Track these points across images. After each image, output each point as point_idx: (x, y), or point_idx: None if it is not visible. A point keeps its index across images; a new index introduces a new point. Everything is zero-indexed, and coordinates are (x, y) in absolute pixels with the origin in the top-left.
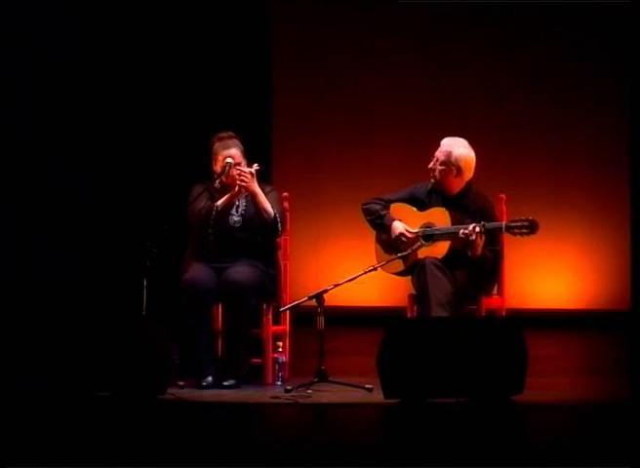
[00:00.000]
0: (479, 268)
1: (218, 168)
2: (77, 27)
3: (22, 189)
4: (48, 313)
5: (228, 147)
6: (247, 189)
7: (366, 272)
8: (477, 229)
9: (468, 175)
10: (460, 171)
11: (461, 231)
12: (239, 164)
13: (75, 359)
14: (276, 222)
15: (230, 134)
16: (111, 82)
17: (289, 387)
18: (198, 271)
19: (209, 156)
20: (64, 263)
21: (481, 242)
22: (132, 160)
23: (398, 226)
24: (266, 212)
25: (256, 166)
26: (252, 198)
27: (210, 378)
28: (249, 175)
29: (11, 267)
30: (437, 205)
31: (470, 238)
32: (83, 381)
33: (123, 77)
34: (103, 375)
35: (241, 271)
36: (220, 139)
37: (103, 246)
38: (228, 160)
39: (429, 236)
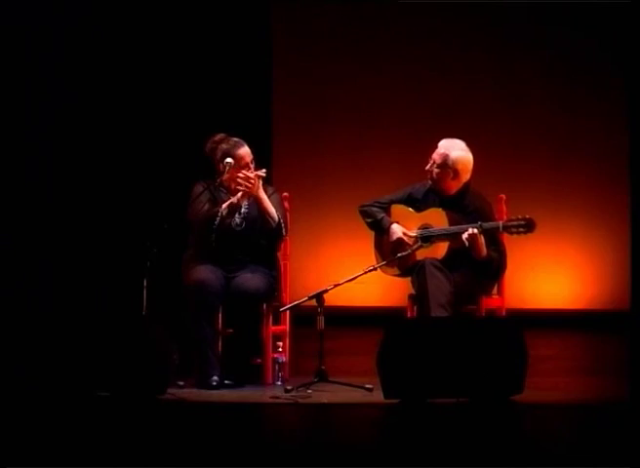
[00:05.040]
0: (488, 269)
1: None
2: (79, 26)
3: (22, 189)
4: (48, 313)
5: (241, 145)
6: (251, 194)
7: (366, 272)
8: (475, 231)
9: (465, 176)
10: (456, 173)
11: (464, 238)
12: (251, 162)
13: (75, 359)
14: (280, 228)
15: (226, 134)
16: (113, 83)
17: (289, 387)
18: (207, 272)
19: (209, 159)
20: (64, 263)
21: (482, 241)
22: (132, 160)
23: (397, 230)
24: (271, 217)
25: (263, 171)
26: (256, 203)
27: (217, 377)
28: (254, 180)
29: (10, 267)
30: (434, 205)
31: (472, 240)
32: (83, 381)
33: (124, 78)
34: (103, 375)
35: (252, 279)
36: (226, 140)
37: (104, 246)
38: (228, 160)
39: (428, 238)
